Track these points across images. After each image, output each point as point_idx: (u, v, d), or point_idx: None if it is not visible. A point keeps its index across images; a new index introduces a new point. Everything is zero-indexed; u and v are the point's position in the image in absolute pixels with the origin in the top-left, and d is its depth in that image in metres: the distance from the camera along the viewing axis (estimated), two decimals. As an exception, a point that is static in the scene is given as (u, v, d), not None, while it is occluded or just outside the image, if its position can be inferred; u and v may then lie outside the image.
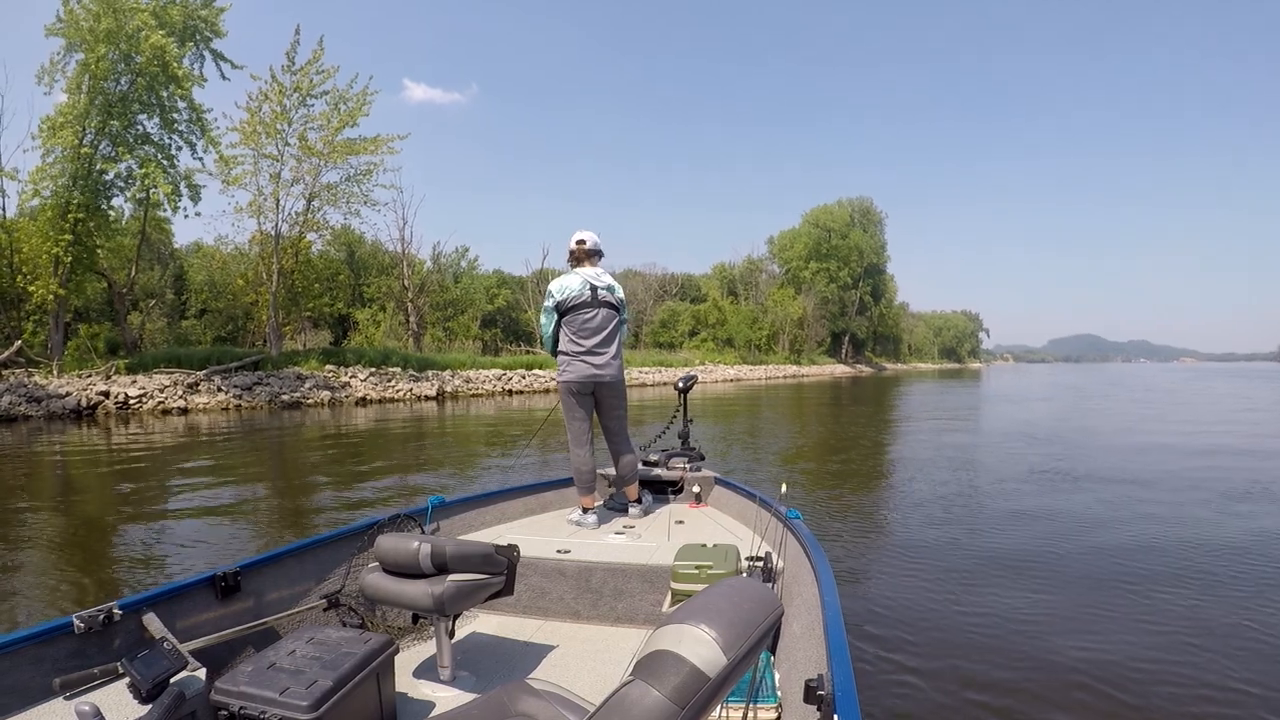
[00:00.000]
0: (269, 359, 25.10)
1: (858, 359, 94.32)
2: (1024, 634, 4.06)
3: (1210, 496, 7.87)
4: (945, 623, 4.24)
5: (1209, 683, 3.46)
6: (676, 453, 4.99)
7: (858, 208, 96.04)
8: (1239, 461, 10.57)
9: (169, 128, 22.92)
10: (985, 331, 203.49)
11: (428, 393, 26.34)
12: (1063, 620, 4.28)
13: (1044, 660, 3.71)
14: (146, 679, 1.93)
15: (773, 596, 1.11)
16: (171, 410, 19.71)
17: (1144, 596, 4.67)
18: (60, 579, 5.22)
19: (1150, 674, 3.55)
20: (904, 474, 9.81)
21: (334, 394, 23.42)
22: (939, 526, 6.63)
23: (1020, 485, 8.69)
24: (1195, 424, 17.19)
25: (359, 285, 42.85)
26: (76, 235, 21.59)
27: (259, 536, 6.38)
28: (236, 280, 30.60)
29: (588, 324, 4.23)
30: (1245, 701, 3.28)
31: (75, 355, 23.49)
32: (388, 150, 28.15)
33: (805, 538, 3.02)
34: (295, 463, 11.04)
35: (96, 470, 10.17)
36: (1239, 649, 3.82)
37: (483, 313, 47.96)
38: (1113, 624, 4.20)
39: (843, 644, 1.88)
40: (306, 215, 27.98)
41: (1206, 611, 4.39)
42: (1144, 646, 3.87)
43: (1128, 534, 6.29)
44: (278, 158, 26.50)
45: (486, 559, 2.65)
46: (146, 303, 34.73)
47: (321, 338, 38.12)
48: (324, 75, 26.47)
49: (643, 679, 0.94)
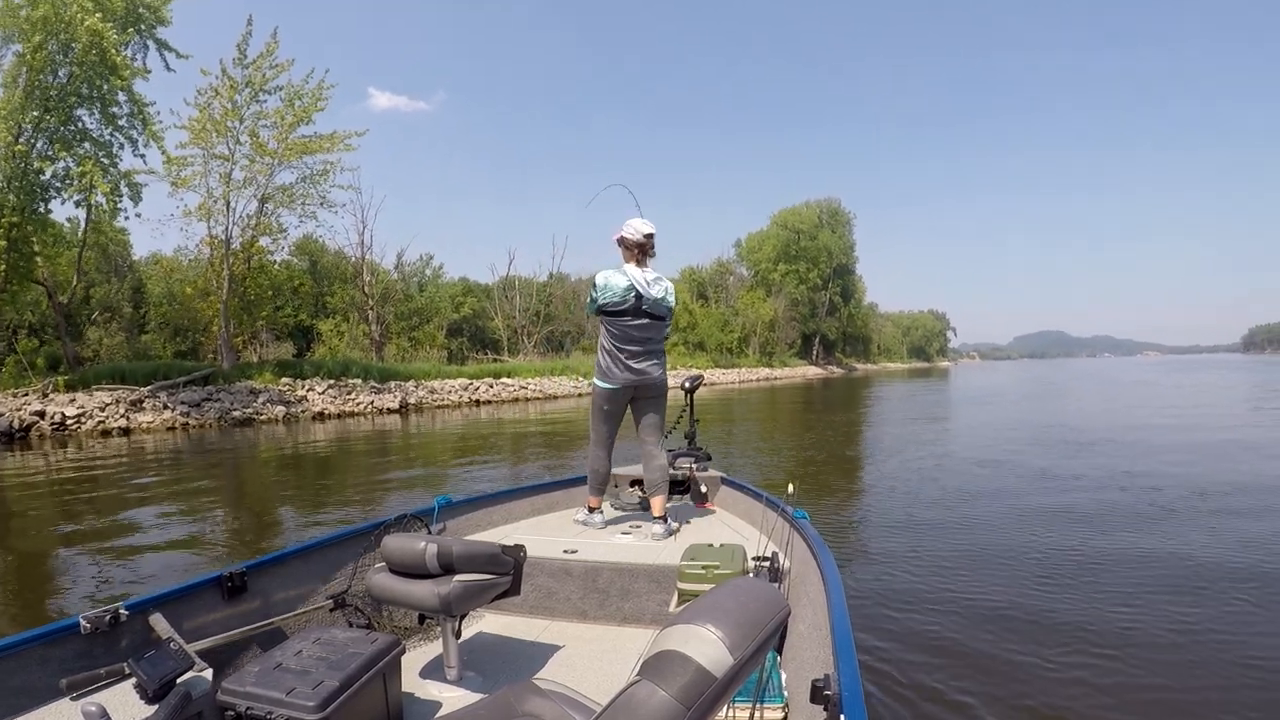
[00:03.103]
0: (220, 373, 23.61)
1: (829, 360, 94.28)
2: (1031, 635, 4.05)
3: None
4: (952, 623, 4.25)
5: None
6: (683, 452, 4.93)
7: (826, 208, 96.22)
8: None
9: (110, 123, 21.32)
10: (952, 330, 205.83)
11: (390, 405, 25.08)
12: (1072, 620, 4.25)
13: (1051, 661, 3.70)
14: (153, 679, 1.96)
15: (779, 596, 1.12)
16: (112, 431, 18.26)
17: (1165, 600, 4.56)
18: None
19: (1163, 675, 3.53)
20: (902, 474, 9.64)
21: (289, 409, 22.03)
22: (944, 528, 6.64)
23: (1024, 487, 8.54)
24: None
25: (322, 295, 41.89)
26: (12, 241, 19.94)
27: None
28: (185, 289, 28.98)
29: (631, 332, 3.99)
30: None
31: (14, 372, 21.88)
32: (345, 147, 26.79)
33: (812, 538, 3.01)
34: (242, 488, 9.95)
35: (18, 501, 8.99)
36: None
37: (448, 321, 47.13)
38: (1124, 627, 4.14)
39: (849, 644, 1.86)
40: (259, 218, 26.40)
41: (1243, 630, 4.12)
42: (1153, 649, 3.84)
43: (1140, 536, 6.15)
44: (228, 157, 24.96)
45: (493, 559, 2.65)
46: (104, 316, 33.22)
47: (284, 350, 36.82)
48: (278, 69, 24.96)
49: (649, 679, 0.94)
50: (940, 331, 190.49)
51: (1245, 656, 3.72)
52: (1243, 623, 4.18)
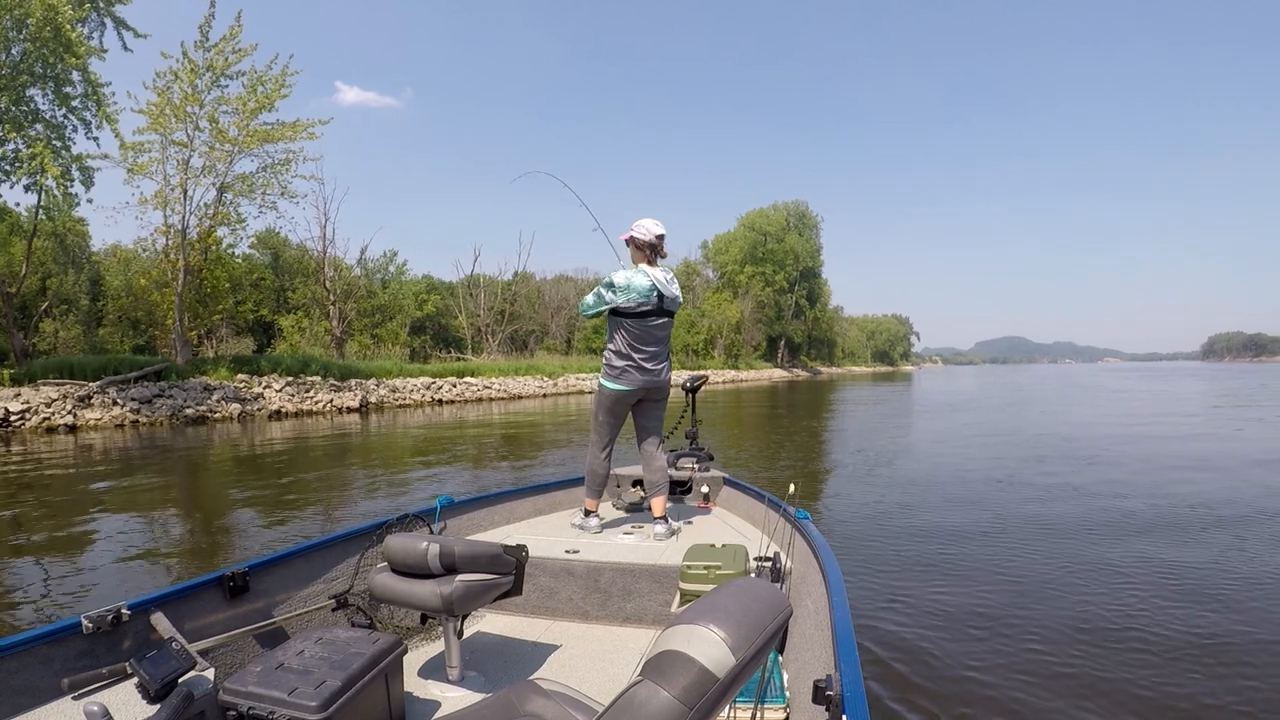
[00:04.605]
0: (174, 368, 22.78)
1: (794, 363, 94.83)
2: (1032, 636, 4.08)
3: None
4: (954, 624, 4.26)
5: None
6: (685, 453, 4.96)
7: (793, 211, 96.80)
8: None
9: (64, 103, 20.44)
10: (916, 335, 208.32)
11: (350, 404, 24.51)
12: (1073, 622, 4.28)
13: (1054, 662, 3.73)
14: (155, 679, 1.96)
15: (781, 597, 1.12)
16: (58, 428, 17.51)
17: (1169, 604, 4.61)
18: None
19: (1163, 676, 3.56)
20: (899, 474, 9.72)
21: (245, 407, 21.38)
22: (946, 529, 6.70)
23: (1030, 495, 8.49)
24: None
25: (284, 290, 41.09)
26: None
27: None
28: (139, 279, 28.02)
29: (651, 332, 4.00)
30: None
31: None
32: (308, 135, 26.01)
33: (814, 538, 3.00)
34: (193, 494, 9.46)
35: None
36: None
37: (411, 319, 46.57)
38: (1125, 628, 4.18)
39: (851, 645, 1.85)
40: (218, 207, 25.50)
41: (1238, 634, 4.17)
42: (1154, 649, 3.87)
43: (1146, 542, 6.17)
44: (187, 144, 24.09)
45: (495, 559, 2.64)
46: (60, 309, 32.10)
47: (244, 345, 35.95)
48: (240, 54, 24.10)
49: (651, 679, 0.94)
50: (904, 336, 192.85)
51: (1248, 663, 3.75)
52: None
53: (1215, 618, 4.37)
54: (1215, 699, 3.36)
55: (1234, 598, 4.74)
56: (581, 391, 37.77)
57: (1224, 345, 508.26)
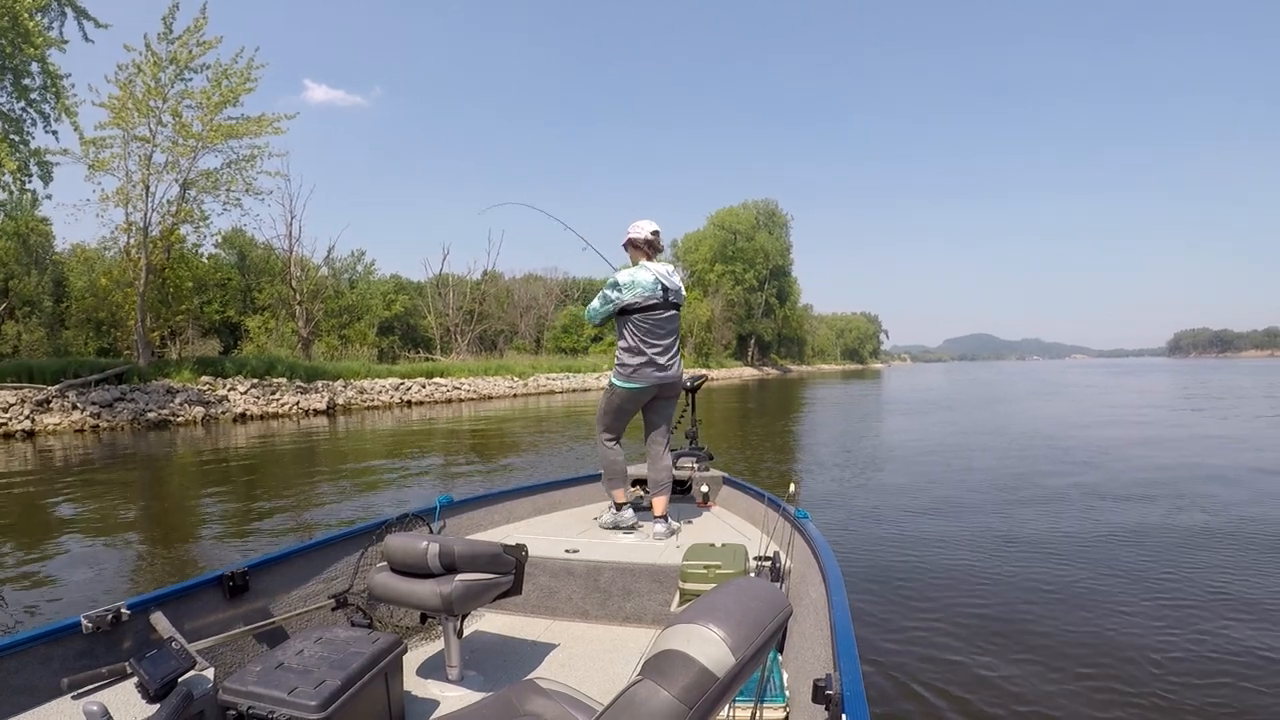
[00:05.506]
0: (136, 370, 22.25)
1: (764, 361, 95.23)
2: (1035, 633, 4.11)
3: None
4: (955, 624, 4.27)
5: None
6: (685, 452, 4.97)
7: (763, 210, 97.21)
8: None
9: (22, 95, 19.68)
10: (884, 333, 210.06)
11: (317, 406, 24.11)
12: (1074, 623, 4.28)
13: (1055, 661, 3.73)
14: (154, 678, 1.95)
15: (781, 596, 1.11)
16: (15, 434, 17.01)
17: (1167, 603, 4.62)
18: None
19: (1162, 672, 3.58)
20: (889, 476, 9.70)
21: (209, 410, 20.90)
22: (945, 529, 6.71)
23: (1028, 495, 8.43)
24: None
25: (250, 291, 40.54)
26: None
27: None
28: (100, 279, 27.32)
29: (660, 326, 4.06)
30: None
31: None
32: (274, 130, 25.48)
33: (814, 538, 3.00)
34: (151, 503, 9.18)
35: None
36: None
37: (379, 319, 46.17)
38: (1126, 629, 4.17)
39: (851, 644, 1.85)
40: (181, 204, 24.96)
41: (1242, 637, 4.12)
42: (1155, 651, 3.86)
43: (1137, 541, 6.18)
44: (150, 139, 23.50)
45: (495, 558, 2.64)
46: (23, 310, 31.29)
47: (210, 347, 35.37)
48: (205, 46, 23.49)
49: (651, 679, 0.94)
50: (873, 334, 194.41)
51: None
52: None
53: (1215, 618, 4.36)
54: (1215, 699, 3.36)
55: (1234, 598, 4.72)
56: (552, 392, 37.64)
57: (1190, 341, 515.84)
